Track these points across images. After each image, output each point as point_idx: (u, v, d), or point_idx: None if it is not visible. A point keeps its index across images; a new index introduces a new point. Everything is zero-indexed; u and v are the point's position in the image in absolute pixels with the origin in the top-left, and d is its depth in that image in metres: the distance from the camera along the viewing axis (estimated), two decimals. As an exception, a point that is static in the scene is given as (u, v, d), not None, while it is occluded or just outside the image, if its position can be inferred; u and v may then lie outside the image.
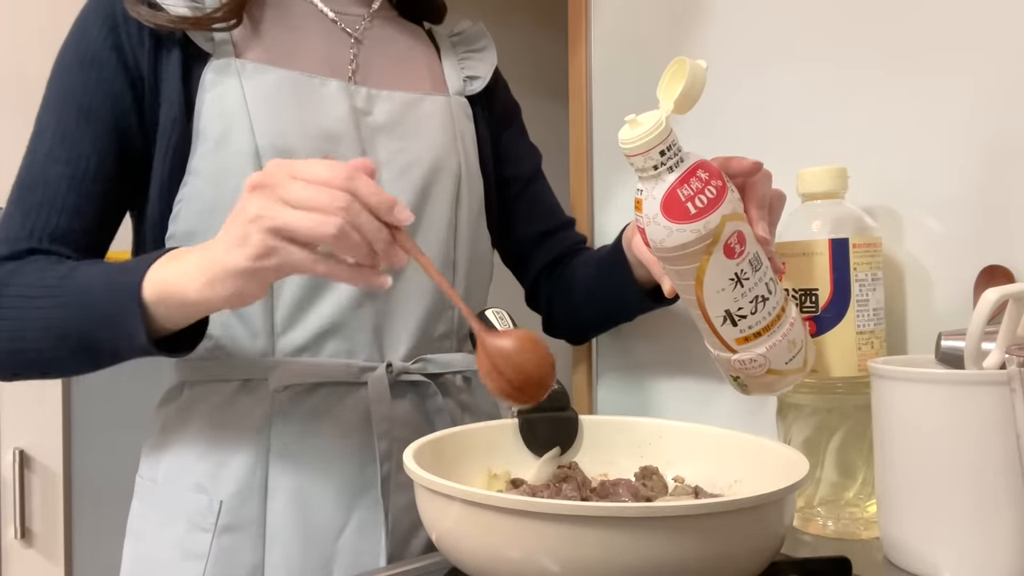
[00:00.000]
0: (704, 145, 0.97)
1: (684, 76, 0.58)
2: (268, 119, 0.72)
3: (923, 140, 0.77)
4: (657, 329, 1.01)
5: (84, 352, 0.65)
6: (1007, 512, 0.56)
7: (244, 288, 0.58)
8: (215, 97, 0.72)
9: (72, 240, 0.70)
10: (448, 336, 0.82)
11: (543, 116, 2.21)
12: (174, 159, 0.72)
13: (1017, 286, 0.56)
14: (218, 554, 0.71)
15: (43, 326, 0.65)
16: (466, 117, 0.87)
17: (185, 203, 0.72)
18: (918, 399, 0.59)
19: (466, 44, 0.92)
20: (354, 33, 0.83)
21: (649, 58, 1.05)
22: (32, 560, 1.56)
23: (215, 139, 0.72)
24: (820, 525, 0.70)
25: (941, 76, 0.75)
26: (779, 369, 0.64)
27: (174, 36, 0.73)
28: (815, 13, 0.86)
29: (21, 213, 0.70)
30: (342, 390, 0.75)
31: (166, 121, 0.72)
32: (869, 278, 0.70)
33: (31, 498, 1.56)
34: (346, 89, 0.78)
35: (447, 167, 0.81)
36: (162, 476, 0.75)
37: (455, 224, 0.81)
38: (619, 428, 0.72)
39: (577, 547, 0.47)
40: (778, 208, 0.69)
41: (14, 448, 1.55)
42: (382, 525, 0.74)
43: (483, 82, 0.90)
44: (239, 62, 0.74)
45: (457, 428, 0.70)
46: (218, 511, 0.72)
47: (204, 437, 0.74)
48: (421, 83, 0.85)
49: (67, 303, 0.64)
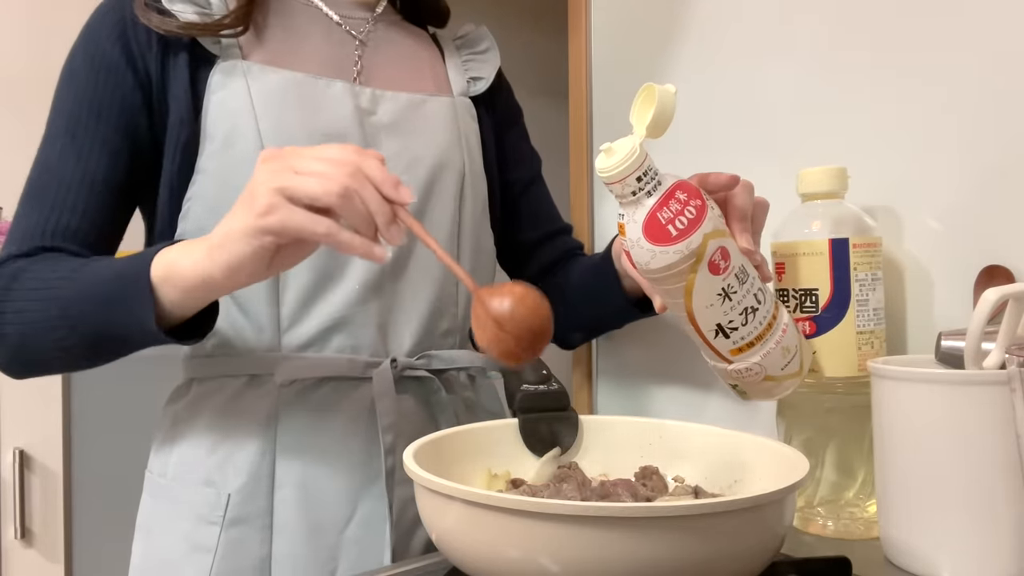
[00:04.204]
0: (706, 145, 0.98)
1: (654, 102, 0.59)
2: (273, 119, 0.74)
3: (924, 140, 0.77)
4: (657, 330, 1.01)
5: (95, 341, 0.66)
6: (1007, 512, 0.56)
7: (242, 254, 0.58)
8: (222, 98, 0.74)
9: (83, 238, 0.72)
10: (452, 332, 0.82)
11: (543, 116, 2.21)
12: (183, 159, 0.74)
13: (1017, 286, 0.56)
14: (226, 547, 0.72)
15: (56, 315, 0.65)
16: (470, 117, 0.88)
17: (194, 202, 0.74)
18: (918, 399, 0.59)
19: (469, 47, 0.93)
20: (358, 36, 0.83)
21: (649, 58, 1.05)
22: (32, 560, 1.56)
23: (222, 139, 0.73)
24: (820, 525, 0.70)
25: (942, 76, 0.75)
26: (775, 375, 0.65)
27: (182, 40, 0.74)
28: (816, 13, 0.86)
29: (33, 212, 0.71)
30: (347, 385, 0.76)
31: (174, 121, 0.74)
32: (869, 278, 0.70)
33: (31, 498, 1.56)
34: (351, 89, 0.79)
35: (451, 165, 0.82)
36: (172, 471, 0.76)
37: (459, 221, 0.82)
38: (619, 428, 0.72)
39: (577, 547, 0.47)
40: (761, 217, 0.70)
41: (14, 448, 1.55)
42: (387, 518, 0.74)
43: (487, 83, 0.90)
44: (245, 64, 0.75)
45: (457, 428, 0.70)
46: (226, 504, 0.73)
47: (212, 432, 0.75)
48: (425, 84, 0.86)
49: (78, 293, 0.65)
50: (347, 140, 0.76)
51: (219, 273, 0.59)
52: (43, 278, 0.67)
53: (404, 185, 0.58)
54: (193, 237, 0.72)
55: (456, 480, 0.53)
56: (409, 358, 0.78)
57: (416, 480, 0.55)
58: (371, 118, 0.79)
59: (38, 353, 0.68)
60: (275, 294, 0.74)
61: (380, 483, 0.75)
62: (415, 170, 0.79)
